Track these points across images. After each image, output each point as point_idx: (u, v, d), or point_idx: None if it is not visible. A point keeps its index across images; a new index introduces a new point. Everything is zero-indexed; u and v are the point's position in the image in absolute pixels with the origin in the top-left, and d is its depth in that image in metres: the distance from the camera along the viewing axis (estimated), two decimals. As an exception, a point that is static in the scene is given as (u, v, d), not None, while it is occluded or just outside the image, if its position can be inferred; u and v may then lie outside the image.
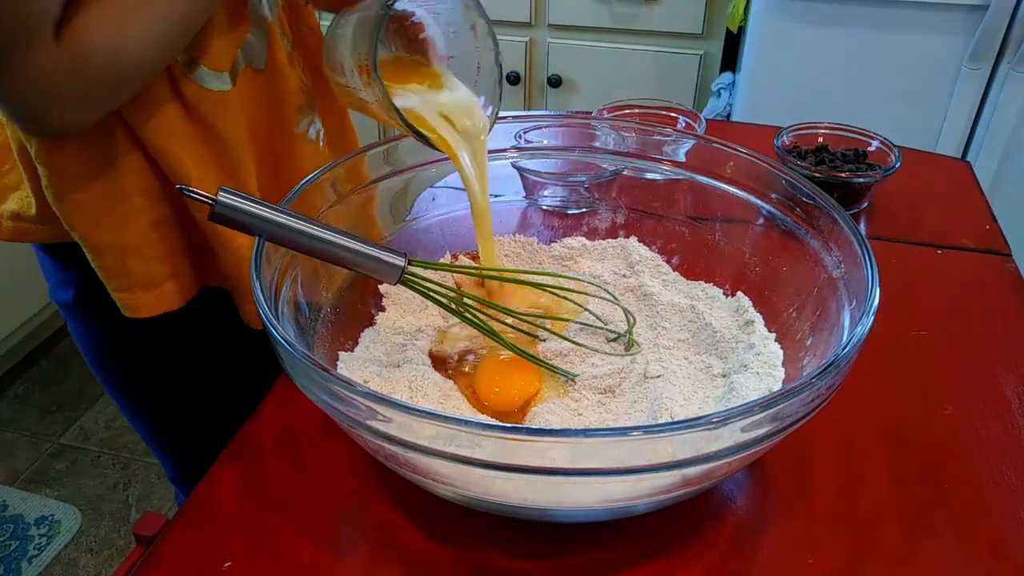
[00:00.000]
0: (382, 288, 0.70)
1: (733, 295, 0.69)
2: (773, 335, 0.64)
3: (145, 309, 0.70)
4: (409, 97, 0.63)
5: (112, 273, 0.68)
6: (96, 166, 0.65)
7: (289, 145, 0.74)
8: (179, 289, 0.72)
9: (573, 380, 0.63)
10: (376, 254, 0.57)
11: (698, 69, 1.99)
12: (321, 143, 0.77)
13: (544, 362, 0.63)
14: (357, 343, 0.65)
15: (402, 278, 0.58)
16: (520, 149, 0.77)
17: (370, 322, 0.68)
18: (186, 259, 0.72)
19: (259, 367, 0.69)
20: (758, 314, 0.66)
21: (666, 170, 0.74)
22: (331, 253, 0.56)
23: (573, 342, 0.66)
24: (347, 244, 0.56)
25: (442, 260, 0.75)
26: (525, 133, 0.80)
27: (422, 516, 0.56)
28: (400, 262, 0.57)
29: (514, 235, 0.77)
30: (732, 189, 0.70)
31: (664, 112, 1.04)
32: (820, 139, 0.98)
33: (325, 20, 0.74)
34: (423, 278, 0.60)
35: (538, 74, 2.07)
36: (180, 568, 0.54)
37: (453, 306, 0.63)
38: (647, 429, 0.45)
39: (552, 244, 0.77)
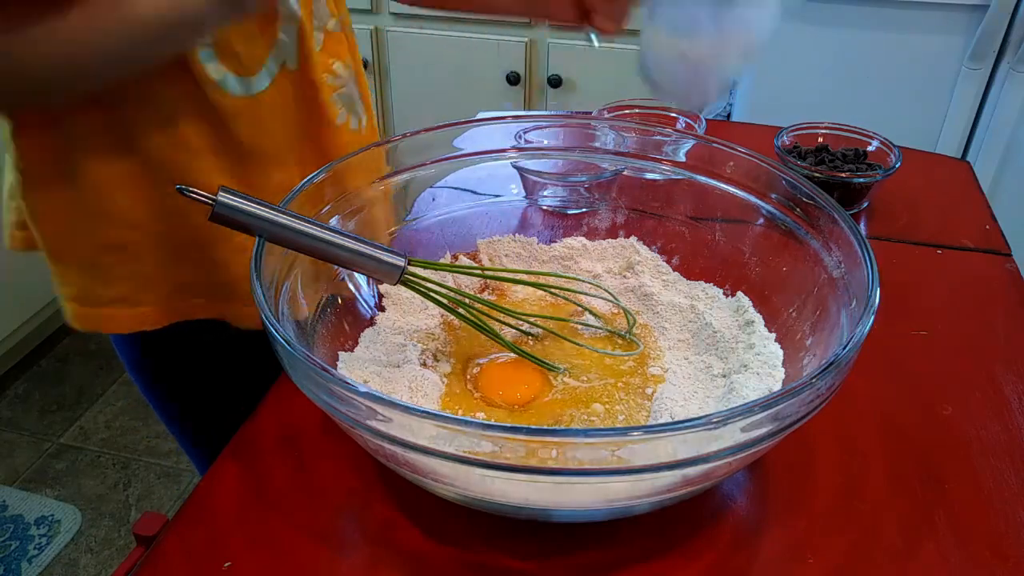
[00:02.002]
0: (382, 288, 0.70)
1: (733, 295, 0.69)
2: (773, 335, 0.64)
3: (81, 323, 0.70)
4: None
5: (58, 280, 0.68)
6: (56, 176, 0.64)
7: (332, 140, 0.72)
8: (127, 317, 0.71)
9: (560, 371, 0.63)
10: (376, 254, 0.57)
11: (698, 69, 1.98)
12: (362, 131, 0.75)
13: (535, 357, 0.63)
14: (357, 343, 0.65)
15: (402, 278, 0.58)
16: (520, 149, 0.77)
17: (370, 322, 0.68)
18: (149, 292, 0.71)
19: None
20: (758, 314, 0.66)
21: (666, 170, 0.74)
22: (331, 253, 0.56)
23: (573, 342, 0.66)
24: (347, 244, 0.56)
25: (442, 260, 0.75)
26: (525, 133, 0.80)
27: (422, 516, 0.56)
28: (400, 262, 0.57)
29: (514, 235, 0.77)
30: (732, 189, 0.70)
31: (664, 112, 1.04)
32: (820, 139, 0.98)
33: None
34: (423, 278, 0.60)
35: (538, 74, 2.07)
36: (180, 568, 0.54)
37: (453, 306, 0.63)
38: (647, 429, 0.46)
39: (552, 244, 0.77)
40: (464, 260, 0.75)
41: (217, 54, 0.63)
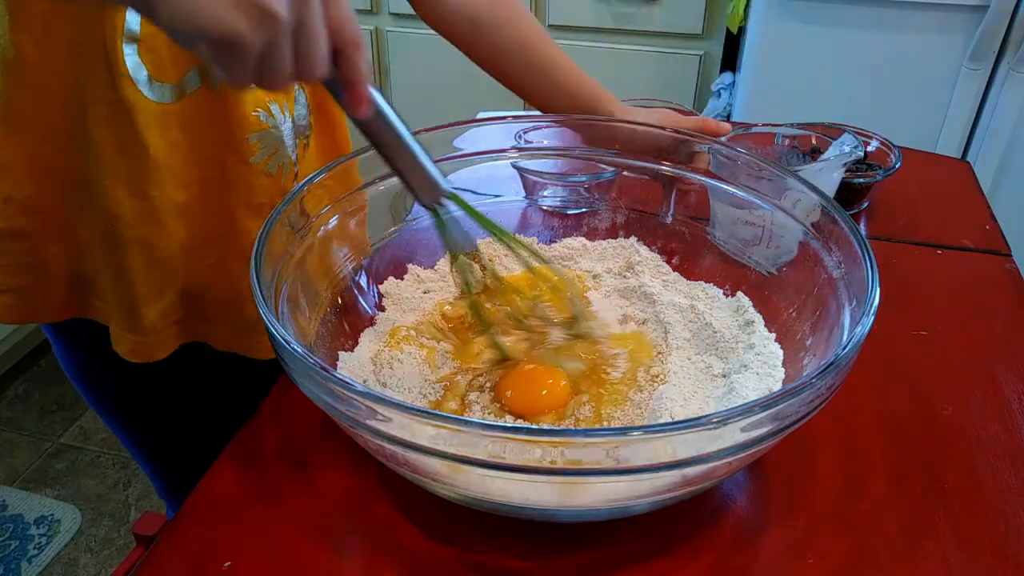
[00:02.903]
0: (382, 288, 0.70)
1: (733, 295, 0.69)
2: (773, 335, 0.64)
3: None
4: None
5: None
6: None
7: (242, 176, 0.68)
8: (20, 308, 0.70)
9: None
10: (427, 166, 0.55)
11: (698, 69, 1.99)
12: (283, 179, 0.71)
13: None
14: (357, 343, 0.65)
15: (435, 203, 0.57)
16: (520, 149, 0.77)
17: (370, 322, 0.68)
18: (48, 284, 0.69)
19: (247, 389, 0.69)
20: (758, 314, 0.66)
21: (666, 170, 0.74)
22: (388, 145, 0.54)
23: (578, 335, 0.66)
24: (408, 144, 0.53)
25: (441, 260, 0.75)
26: (525, 133, 0.80)
27: (422, 516, 0.56)
28: (444, 187, 0.56)
29: (514, 235, 0.77)
30: (732, 189, 0.70)
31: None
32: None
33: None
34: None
35: (538, 74, 2.06)
36: (180, 568, 0.54)
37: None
38: (647, 429, 0.46)
39: (552, 244, 0.77)
40: (464, 260, 0.75)
41: (140, 49, 0.60)
